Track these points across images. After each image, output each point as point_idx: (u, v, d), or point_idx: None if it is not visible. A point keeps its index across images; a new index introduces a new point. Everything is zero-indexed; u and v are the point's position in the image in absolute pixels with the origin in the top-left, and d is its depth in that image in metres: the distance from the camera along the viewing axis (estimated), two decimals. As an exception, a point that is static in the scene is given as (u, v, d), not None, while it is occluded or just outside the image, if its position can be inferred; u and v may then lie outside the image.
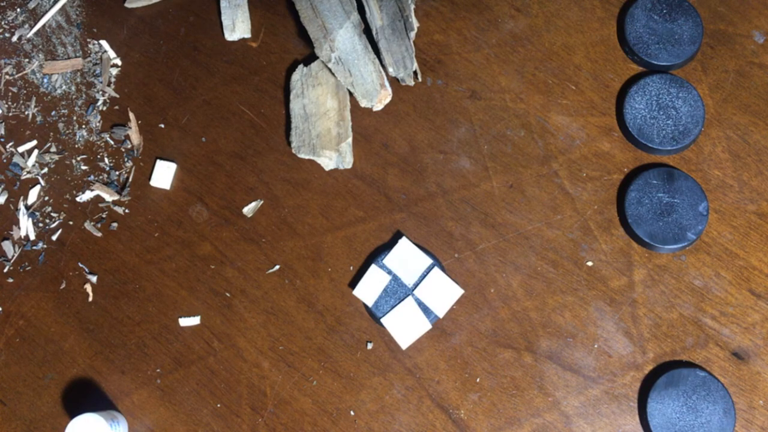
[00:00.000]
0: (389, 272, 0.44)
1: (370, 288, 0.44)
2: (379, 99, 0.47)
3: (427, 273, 0.44)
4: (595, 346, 0.44)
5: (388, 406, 0.43)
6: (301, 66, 0.48)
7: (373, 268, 0.44)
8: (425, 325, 0.43)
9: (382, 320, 0.44)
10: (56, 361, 0.45)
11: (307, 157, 0.46)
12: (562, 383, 0.43)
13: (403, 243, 0.44)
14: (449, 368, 0.44)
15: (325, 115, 0.47)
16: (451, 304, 0.44)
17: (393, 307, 0.44)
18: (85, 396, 0.44)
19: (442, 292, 0.44)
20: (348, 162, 0.46)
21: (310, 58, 0.49)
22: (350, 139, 0.46)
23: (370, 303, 0.44)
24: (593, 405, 0.43)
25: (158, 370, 0.44)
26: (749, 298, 0.44)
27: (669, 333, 0.44)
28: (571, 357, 0.44)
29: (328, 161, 0.46)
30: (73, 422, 0.40)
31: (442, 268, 0.44)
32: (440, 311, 0.44)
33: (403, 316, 0.43)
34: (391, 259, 0.44)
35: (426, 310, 0.44)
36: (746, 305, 0.44)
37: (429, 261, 0.44)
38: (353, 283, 0.45)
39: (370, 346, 0.44)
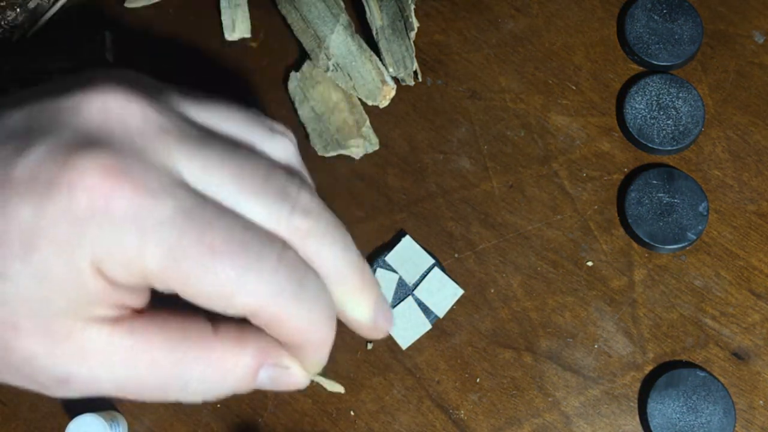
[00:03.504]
0: (393, 271, 0.44)
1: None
2: (383, 95, 0.47)
3: (428, 273, 0.44)
4: (595, 346, 0.44)
5: (388, 406, 0.43)
6: (293, 73, 0.48)
7: (379, 273, 0.44)
8: (425, 325, 0.43)
9: None
10: (56, 361, 0.45)
11: (335, 153, 0.46)
12: (562, 383, 0.43)
13: (407, 242, 0.44)
14: (449, 368, 0.44)
15: (336, 108, 0.47)
16: (451, 304, 0.44)
17: (393, 307, 0.44)
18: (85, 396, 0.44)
19: (442, 292, 0.44)
20: (375, 143, 0.46)
21: (298, 62, 0.49)
22: (368, 121, 0.46)
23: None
24: (593, 405, 0.43)
25: (158, 370, 0.44)
26: (749, 298, 0.44)
27: (669, 333, 0.44)
28: (571, 357, 0.44)
29: (356, 149, 0.46)
30: (73, 422, 0.40)
31: (442, 268, 0.44)
32: (440, 311, 0.44)
33: (403, 316, 0.43)
34: (393, 257, 0.44)
35: (426, 310, 0.44)
36: (746, 305, 0.44)
37: (431, 261, 0.44)
38: (353, 283, 0.45)
39: (370, 346, 0.44)
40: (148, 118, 0.24)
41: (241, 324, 0.27)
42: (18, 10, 0.52)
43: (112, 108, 0.24)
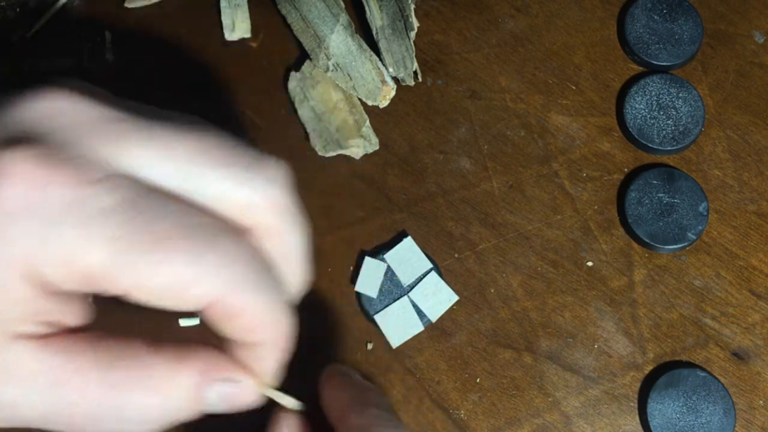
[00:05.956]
0: (387, 266, 0.44)
1: (369, 280, 0.44)
2: (383, 95, 0.47)
3: (424, 276, 0.44)
4: (595, 346, 0.44)
5: (388, 406, 0.43)
6: (293, 73, 0.48)
7: (368, 261, 0.44)
8: (417, 327, 0.43)
9: (375, 317, 0.43)
10: (56, 362, 0.45)
11: (335, 154, 0.46)
12: (562, 383, 0.43)
13: (407, 243, 0.44)
14: (449, 368, 0.44)
15: (336, 108, 0.47)
16: (445, 310, 0.44)
17: (387, 305, 0.44)
18: (85, 396, 0.44)
19: (437, 297, 0.44)
20: (375, 143, 0.46)
21: (298, 62, 0.49)
22: (368, 122, 0.46)
23: (374, 294, 0.43)
24: (593, 405, 0.43)
25: (158, 370, 0.44)
26: (749, 298, 0.44)
27: (669, 333, 0.44)
28: (571, 357, 0.44)
29: (356, 149, 0.46)
30: (72, 422, 0.40)
31: (440, 273, 0.44)
32: (433, 315, 0.44)
33: (397, 315, 0.43)
34: (392, 256, 0.44)
35: (420, 312, 0.44)
36: (746, 305, 0.44)
37: (429, 264, 0.44)
38: (353, 283, 0.45)
39: (370, 346, 0.44)
40: (89, 112, 0.22)
41: (184, 344, 0.24)
42: (18, 10, 0.52)
43: (49, 104, 0.22)
